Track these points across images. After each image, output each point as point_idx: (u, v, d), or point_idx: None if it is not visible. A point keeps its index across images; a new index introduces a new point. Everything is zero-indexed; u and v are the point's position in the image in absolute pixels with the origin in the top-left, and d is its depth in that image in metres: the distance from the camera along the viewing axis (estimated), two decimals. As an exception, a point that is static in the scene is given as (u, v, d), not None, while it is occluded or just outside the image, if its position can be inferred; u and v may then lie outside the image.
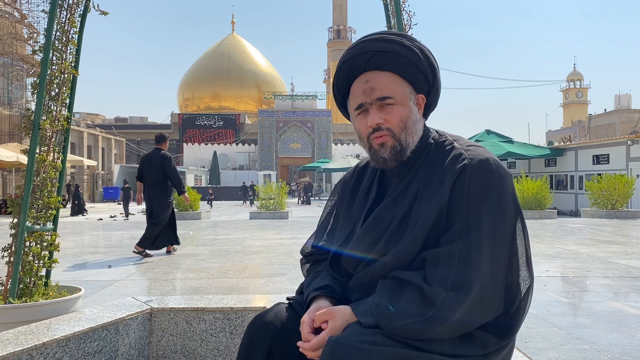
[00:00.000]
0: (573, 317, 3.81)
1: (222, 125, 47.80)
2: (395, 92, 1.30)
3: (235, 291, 4.72)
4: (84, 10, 3.39)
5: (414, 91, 1.34)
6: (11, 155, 18.05)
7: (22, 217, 3.03)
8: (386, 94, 1.29)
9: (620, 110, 51.45)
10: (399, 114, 1.30)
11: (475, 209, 1.19)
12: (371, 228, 1.32)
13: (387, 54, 1.31)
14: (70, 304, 3.14)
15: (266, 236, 9.86)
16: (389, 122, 1.29)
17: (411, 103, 1.32)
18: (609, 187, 14.45)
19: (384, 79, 1.30)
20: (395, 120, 1.29)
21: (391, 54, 1.31)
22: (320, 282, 1.36)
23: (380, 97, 1.29)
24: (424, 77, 1.34)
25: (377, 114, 1.29)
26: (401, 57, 1.31)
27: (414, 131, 1.32)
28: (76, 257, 7.15)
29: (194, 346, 2.36)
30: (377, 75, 1.31)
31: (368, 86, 1.30)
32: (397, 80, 1.31)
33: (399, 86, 1.31)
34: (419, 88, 1.35)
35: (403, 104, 1.31)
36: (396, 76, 1.31)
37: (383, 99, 1.29)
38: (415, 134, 1.32)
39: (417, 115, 1.33)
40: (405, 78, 1.32)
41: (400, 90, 1.31)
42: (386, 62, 1.31)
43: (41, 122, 3.12)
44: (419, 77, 1.33)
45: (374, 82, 1.30)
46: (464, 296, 1.13)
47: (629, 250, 7.31)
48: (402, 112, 1.30)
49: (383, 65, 1.31)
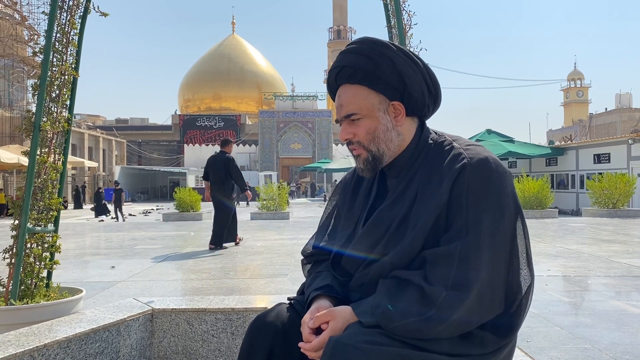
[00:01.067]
0: (575, 316, 3.81)
1: (222, 126, 47.82)
2: (360, 107, 1.31)
3: (236, 292, 4.73)
4: (84, 12, 3.39)
5: (387, 99, 1.32)
6: (12, 157, 18.09)
7: (23, 218, 3.03)
8: (350, 110, 1.32)
9: (621, 109, 51.42)
10: (365, 127, 1.32)
11: (475, 209, 1.19)
12: (371, 229, 1.32)
13: (348, 68, 1.33)
14: (71, 305, 3.14)
15: (267, 236, 9.86)
16: (358, 136, 1.33)
17: (380, 113, 1.32)
18: (610, 186, 14.43)
19: (349, 95, 1.33)
20: (362, 134, 1.33)
21: (350, 68, 1.32)
22: (321, 282, 1.37)
23: (345, 114, 1.33)
24: (387, 83, 1.31)
25: (347, 129, 1.34)
26: (359, 69, 1.31)
27: (388, 139, 1.33)
28: (77, 258, 7.15)
29: (195, 347, 2.36)
30: (345, 91, 1.34)
31: (338, 103, 1.35)
32: (363, 92, 1.32)
33: (364, 99, 1.31)
34: (390, 95, 1.33)
35: (370, 116, 1.32)
36: (363, 88, 1.32)
37: (348, 116, 1.33)
38: (389, 141, 1.33)
39: (389, 124, 1.33)
40: (372, 88, 1.32)
41: (365, 103, 1.31)
42: (350, 76, 1.33)
43: (42, 123, 3.12)
44: (384, 87, 1.32)
45: (342, 98, 1.34)
46: (465, 295, 1.13)
47: (630, 250, 7.30)
48: (368, 125, 1.32)
49: (350, 78, 1.33)
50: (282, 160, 43.53)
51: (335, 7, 71.00)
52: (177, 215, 15.09)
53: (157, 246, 8.53)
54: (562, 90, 74.72)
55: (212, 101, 57.22)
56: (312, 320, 1.24)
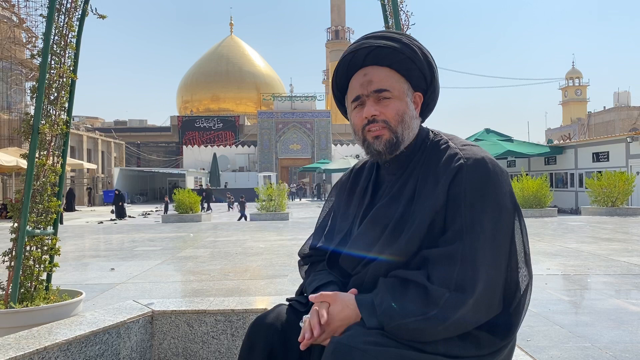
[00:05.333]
0: (574, 315, 3.81)
1: (221, 127, 47.75)
2: (393, 86, 1.31)
3: (236, 293, 4.73)
4: (81, 14, 3.39)
5: (412, 88, 1.35)
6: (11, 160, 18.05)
7: (23, 221, 3.03)
8: (383, 86, 1.31)
9: (619, 107, 51.50)
10: (396, 108, 1.31)
11: (473, 209, 1.19)
12: (369, 228, 1.32)
13: (385, 49, 1.32)
14: (71, 307, 3.14)
15: (267, 238, 9.86)
16: (385, 115, 1.30)
17: (408, 99, 1.33)
18: (609, 184, 14.45)
19: (381, 73, 1.32)
20: (392, 113, 1.30)
21: (389, 49, 1.32)
22: (323, 279, 1.37)
23: (377, 89, 1.31)
24: (421, 74, 1.35)
25: (374, 106, 1.31)
26: (399, 52, 1.32)
27: (411, 126, 1.33)
28: (77, 260, 7.15)
29: (195, 349, 2.36)
30: (375, 70, 1.33)
31: (366, 79, 1.32)
32: (394, 75, 1.33)
33: (396, 81, 1.33)
34: (416, 85, 1.36)
35: (400, 99, 1.32)
36: (394, 72, 1.33)
37: (380, 91, 1.30)
38: (411, 129, 1.33)
39: (413, 112, 1.34)
40: (403, 74, 1.33)
41: (398, 85, 1.32)
42: (384, 57, 1.32)
43: (40, 126, 3.12)
44: (416, 75, 1.34)
45: (372, 75, 1.32)
46: (468, 297, 1.13)
47: (629, 248, 7.30)
48: (398, 106, 1.31)
49: (381, 60, 1.32)
50: (281, 161, 43.48)
51: (333, 8, 71.00)
52: (176, 217, 15.08)
53: (156, 248, 8.53)
54: (560, 89, 74.75)
55: (210, 102, 57.16)
56: (316, 306, 1.23)
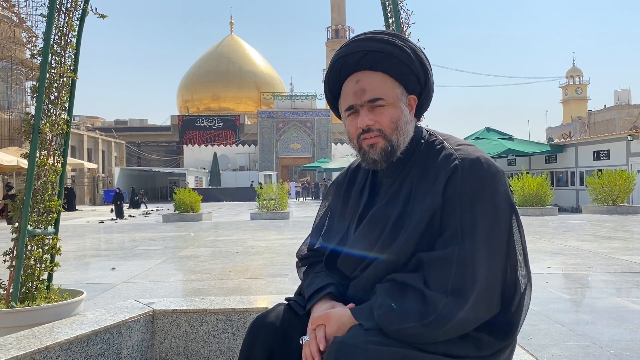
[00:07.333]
0: (575, 313, 3.81)
1: (221, 126, 47.76)
2: (386, 93, 1.28)
3: (237, 292, 4.73)
4: (82, 14, 3.39)
5: (406, 92, 1.32)
6: (12, 160, 18.08)
7: (23, 221, 3.03)
8: (377, 95, 1.27)
9: (619, 105, 51.44)
10: (390, 115, 1.28)
11: (469, 211, 1.18)
12: (367, 229, 1.31)
13: (379, 54, 1.29)
14: (72, 307, 3.15)
15: (267, 237, 9.86)
16: (380, 124, 1.27)
17: (402, 104, 1.31)
18: (610, 182, 14.45)
19: (374, 80, 1.29)
20: (386, 122, 1.28)
21: (383, 54, 1.29)
22: (321, 282, 1.36)
23: (371, 99, 1.27)
24: (415, 77, 1.32)
25: (368, 115, 1.28)
26: (393, 57, 1.29)
27: (405, 132, 1.30)
28: (78, 260, 7.15)
29: (196, 348, 2.36)
30: (368, 76, 1.29)
31: (359, 87, 1.29)
32: (388, 81, 1.30)
33: (390, 87, 1.29)
34: (410, 89, 1.33)
35: (394, 105, 1.29)
36: (387, 77, 1.30)
37: (374, 100, 1.27)
38: (406, 134, 1.31)
39: (408, 117, 1.32)
40: (397, 79, 1.30)
41: (392, 91, 1.29)
42: (378, 62, 1.29)
43: (41, 125, 3.12)
44: (411, 78, 1.32)
45: (365, 83, 1.28)
46: (464, 301, 1.13)
47: (630, 246, 7.30)
48: (392, 113, 1.28)
49: (375, 65, 1.29)
50: (282, 160, 43.48)
51: (333, 7, 70.91)
52: (177, 216, 15.09)
53: (157, 247, 8.54)
54: (560, 87, 74.70)
55: (211, 102, 57.15)
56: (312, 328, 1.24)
